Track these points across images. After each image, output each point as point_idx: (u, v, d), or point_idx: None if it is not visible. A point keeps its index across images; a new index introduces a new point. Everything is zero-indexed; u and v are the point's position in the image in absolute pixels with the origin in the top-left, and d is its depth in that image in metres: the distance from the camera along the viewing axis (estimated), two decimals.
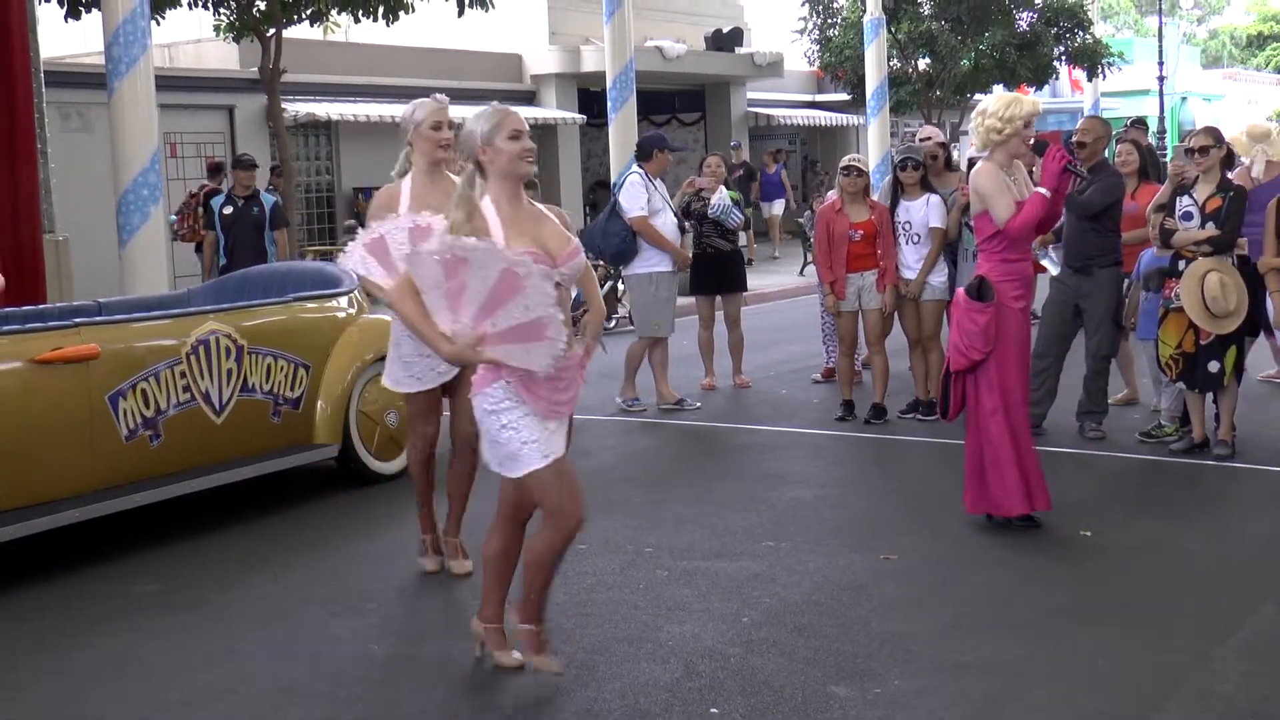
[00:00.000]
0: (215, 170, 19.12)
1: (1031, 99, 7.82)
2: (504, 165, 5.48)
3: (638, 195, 11.56)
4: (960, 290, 7.79)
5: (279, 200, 14.69)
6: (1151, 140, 18.88)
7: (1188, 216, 9.20)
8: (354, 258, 7.00)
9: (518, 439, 5.42)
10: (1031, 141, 7.76)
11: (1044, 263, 10.74)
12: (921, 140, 11.61)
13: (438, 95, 7.25)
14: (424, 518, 7.39)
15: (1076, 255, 9.82)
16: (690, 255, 12.04)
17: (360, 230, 7.21)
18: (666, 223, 11.72)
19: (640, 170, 11.80)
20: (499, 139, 5.47)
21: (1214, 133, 9.45)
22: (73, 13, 16.44)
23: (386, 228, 6.89)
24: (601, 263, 13.58)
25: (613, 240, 11.67)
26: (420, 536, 7.40)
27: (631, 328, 13.25)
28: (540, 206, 5.67)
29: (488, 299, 5.26)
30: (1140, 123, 16.57)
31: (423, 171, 7.16)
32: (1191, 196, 9.24)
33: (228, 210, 13.99)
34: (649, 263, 11.71)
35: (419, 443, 7.39)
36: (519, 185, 5.54)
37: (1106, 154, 10.36)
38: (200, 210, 16.90)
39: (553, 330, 5.29)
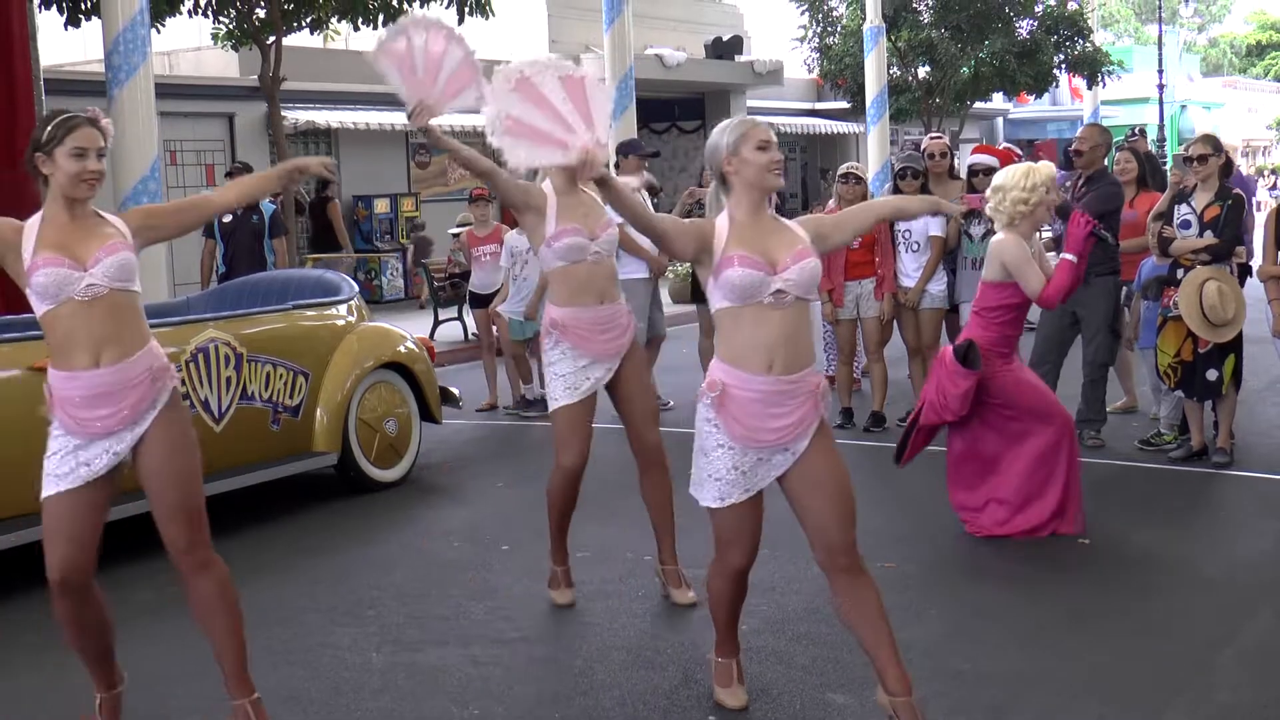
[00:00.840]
0: (325, 184, 21.59)
1: (1045, 164, 7.80)
2: (751, 177, 5.12)
3: None
4: (948, 349, 7.78)
5: (278, 208, 14.68)
6: (1151, 148, 18.91)
7: (1186, 225, 9.21)
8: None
9: (707, 469, 5.18)
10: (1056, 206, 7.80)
11: None
12: (932, 138, 11.61)
13: None
14: (560, 548, 6.94)
15: None
16: (666, 262, 12.13)
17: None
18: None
19: None
20: (746, 150, 5.12)
21: (1213, 141, 9.46)
22: (73, 20, 16.45)
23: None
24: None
25: None
26: (552, 566, 6.98)
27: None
28: (784, 220, 5.28)
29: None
30: (1141, 132, 16.57)
31: (560, 185, 6.70)
32: (1190, 205, 9.24)
33: (227, 219, 13.94)
34: (624, 270, 11.86)
35: (576, 459, 6.70)
36: (764, 197, 5.17)
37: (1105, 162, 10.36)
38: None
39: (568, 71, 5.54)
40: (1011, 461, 7.81)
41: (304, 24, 19.04)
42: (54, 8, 16.13)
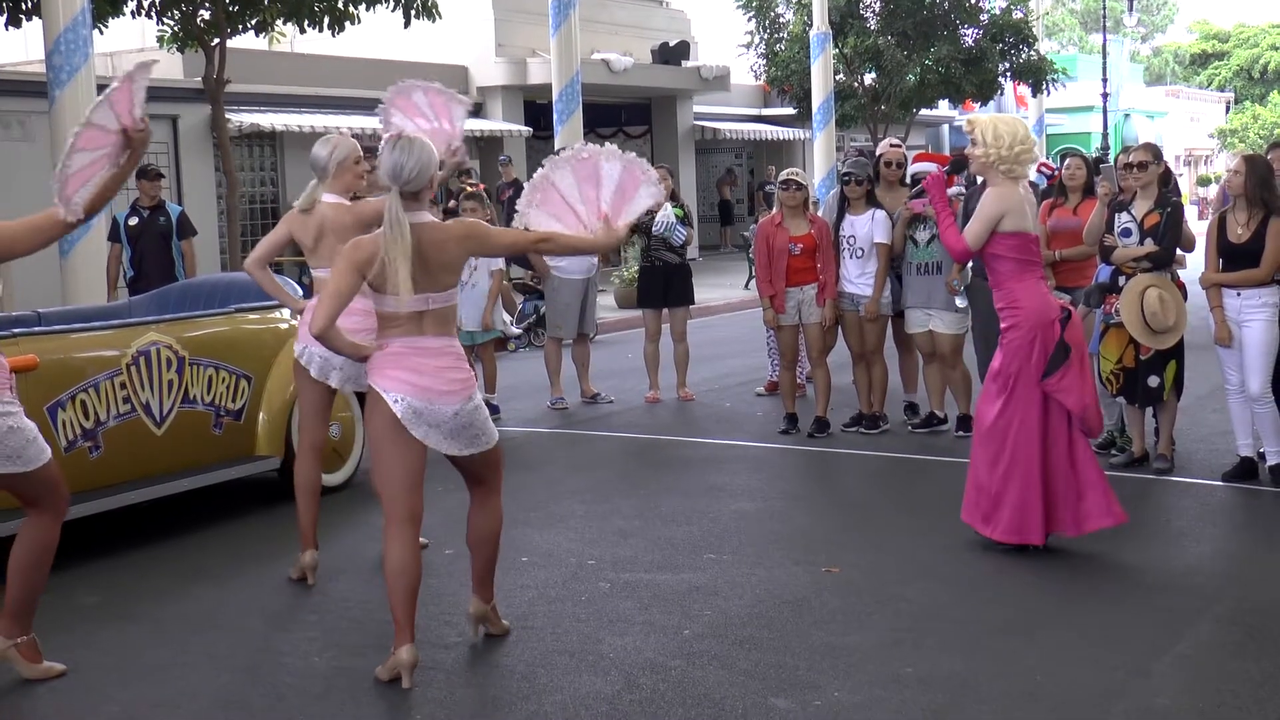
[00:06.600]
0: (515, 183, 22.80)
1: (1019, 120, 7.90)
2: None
3: None
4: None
5: (184, 210, 14.37)
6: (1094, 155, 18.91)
7: (1126, 233, 9.27)
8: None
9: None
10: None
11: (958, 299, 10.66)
12: (892, 146, 11.64)
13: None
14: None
15: None
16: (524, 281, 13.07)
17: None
18: None
19: None
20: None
21: (1153, 149, 9.53)
22: (13, 20, 16.30)
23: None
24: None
25: None
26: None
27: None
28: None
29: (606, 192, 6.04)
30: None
31: None
32: (1130, 213, 9.30)
33: (133, 221, 13.62)
34: (556, 269, 12.66)
35: None
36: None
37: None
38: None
39: (641, 169, 6.04)
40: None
41: (249, 26, 18.93)
42: None
